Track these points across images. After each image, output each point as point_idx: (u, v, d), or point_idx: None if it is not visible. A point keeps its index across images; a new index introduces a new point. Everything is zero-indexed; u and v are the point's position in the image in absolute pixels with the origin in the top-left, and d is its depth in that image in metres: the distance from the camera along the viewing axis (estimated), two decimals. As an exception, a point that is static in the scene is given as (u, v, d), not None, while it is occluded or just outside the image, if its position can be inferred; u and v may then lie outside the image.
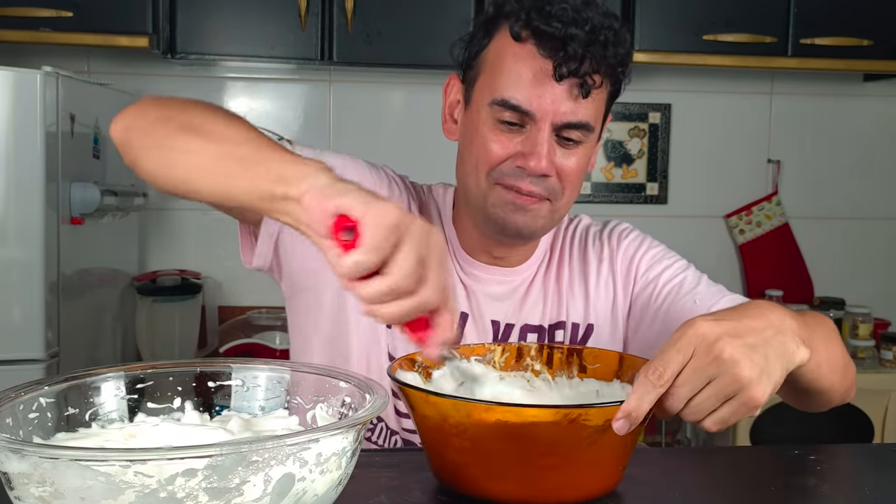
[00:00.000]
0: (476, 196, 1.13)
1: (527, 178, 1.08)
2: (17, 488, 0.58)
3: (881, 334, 2.74)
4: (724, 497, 0.91)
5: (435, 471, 0.86)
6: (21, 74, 1.94)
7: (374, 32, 2.47)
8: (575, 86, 1.05)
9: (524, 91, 1.05)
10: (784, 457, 1.00)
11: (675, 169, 3.00)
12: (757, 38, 2.58)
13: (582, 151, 1.10)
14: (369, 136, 2.82)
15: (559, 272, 1.24)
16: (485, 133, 1.09)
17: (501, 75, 1.07)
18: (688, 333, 0.76)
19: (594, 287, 1.22)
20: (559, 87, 1.05)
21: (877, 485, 0.90)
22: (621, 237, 1.25)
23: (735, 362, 0.75)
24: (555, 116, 1.06)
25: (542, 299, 1.22)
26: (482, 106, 1.09)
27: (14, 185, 1.94)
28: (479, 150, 1.10)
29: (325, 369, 0.77)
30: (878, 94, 3.03)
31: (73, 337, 2.10)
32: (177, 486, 0.56)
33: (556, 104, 1.05)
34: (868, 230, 3.08)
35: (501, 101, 1.06)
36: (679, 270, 1.21)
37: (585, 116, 1.07)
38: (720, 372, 0.75)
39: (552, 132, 1.07)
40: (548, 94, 1.05)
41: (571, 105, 1.06)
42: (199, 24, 2.45)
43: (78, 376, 0.73)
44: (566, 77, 1.04)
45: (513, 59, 1.07)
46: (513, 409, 0.77)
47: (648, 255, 1.23)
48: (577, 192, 1.15)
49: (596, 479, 0.82)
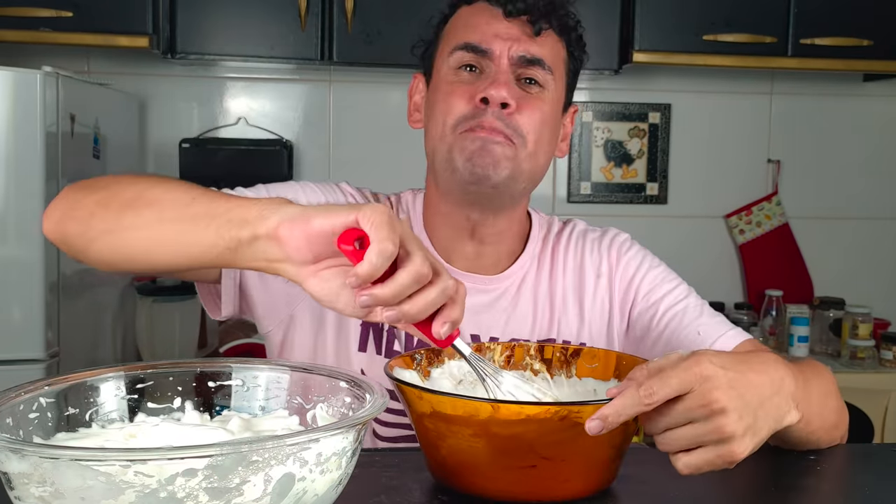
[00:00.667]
0: (443, 156, 1.10)
1: (489, 113, 1.07)
2: (17, 488, 0.58)
3: (881, 334, 2.74)
4: (724, 497, 0.91)
5: (431, 469, 0.86)
6: (21, 74, 1.94)
7: (374, 32, 2.47)
8: (526, 25, 1.10)
9: (478, 31, 1.11)
10: (784, 457, 1.00)
11: (675, 169, 3.00)
12: (757, 38, 2.58)
13: (545, 98, 1.11)
14: (369, 136, 2.82)
15: (552, 281, 1.19)
16: (446, 89, 1.11)
17: (457, 30, 1.13)
18: (694, 370, 0.74)
19: (590, 303, 1.18)
20: (511, 25, 1.10)
21: (877, 485, 0.90)
22: (622, 251, 1.21)
23: (724, 413, 0.74)
24: (511, 50, 1.09)
25: (531, 312, 1.17)
26: (442, 65, 1.13)
27: (14, 185, 1.94)
28: (442, 105, 1.11)
29: (325, 369, 0.77)
30: (878, 94, 3.03)
31: (73, 337, 2.10)
32: (177, 486, 0.56)
33: (510, 39, 1.10)
34: (868, 230, 3.08)
35: (458, 46, 1.11)
36: (681, 296, 1.18)
37: (540, 53, 1.10)
38: (706, 417, 0.74)
39: (510, 67, 1.10)
40: (502, 31, 1.10)
41: (526, 41, 1.10)
42: (199, 24, 2.45)
43: (78, 376, 0.73)
44: (515, 15, 1.10)
45: (466, 16, 1.14)
46: (506, 405, 0.77)
47: (650, 277, 1.19)
48: (543, 150, 1.12)
49: (589, 477, 0.83)
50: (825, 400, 0.96)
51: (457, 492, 0.82)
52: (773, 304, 2.85)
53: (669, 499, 0.84)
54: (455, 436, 0.79)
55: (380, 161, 2.81)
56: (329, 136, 2.84)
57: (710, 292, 2.93)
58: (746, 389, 0.76)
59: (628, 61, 2.58)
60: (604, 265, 1.20)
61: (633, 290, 1.19)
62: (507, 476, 0.79)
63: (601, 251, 1.21)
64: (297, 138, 2.82)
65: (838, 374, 2.61)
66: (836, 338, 2.82)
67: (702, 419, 0.75)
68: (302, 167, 2.82)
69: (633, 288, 1.19)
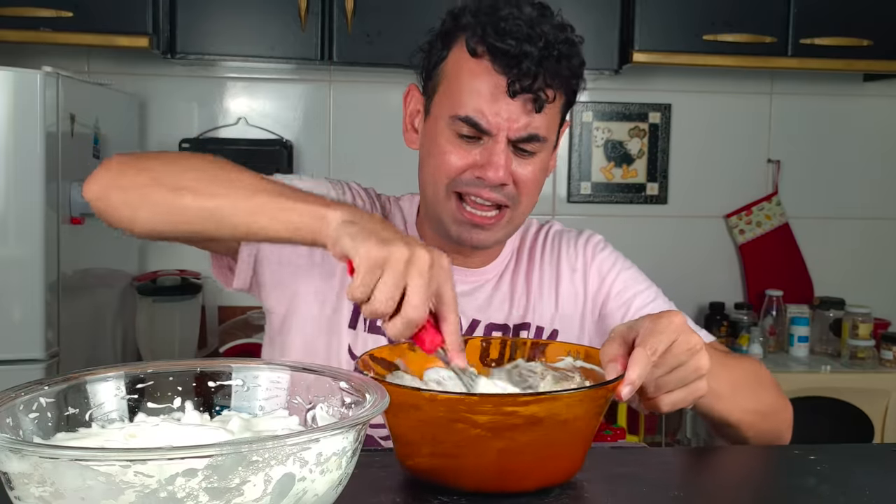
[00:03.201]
0: (434, 207, 1.17)
1: (485, 189, 1.12)
2: (17, 488, 0.58)
3: (881, 334, 2.74)
4: (724, 497, 0.91)
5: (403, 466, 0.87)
6: (21, 74, 1.94)
7: (374, 32, 2.47)
8: (529, 101, 1.08)
9: (480, 108, 1.09)
10: (784, 457, 1.00)
11: (675, 169, 3.00)
12: (757, 38, 2.58)
13: (538, 160, 1.14)
14: (369, 136, 2.82)
15: (529, 273, 1.27)
16: (443, 145, 1.13)
17: (460, 91, 1.11)
18: (675, 322, 0.87)
19: (565, 293, 1.25)
20: (514, 102, 1.09)
21: (877, 485, 0.90)
22: (596, 250, 1.28)
23: (703, 352, 0.89)
24: (510, 131, 1.10)
25: (508, 299, 1.24)
26: (441, 119, 1.13)
27: (14, 185, 1.94)
28: (437, 161, 1.14)
29: (325, 369, 0.77)
30: (878, 94, 3.03)
31: (73, 337, 2.10)
32: (177, 486, 0.56)
33: (510, 120, 1.09)
34: (868, 230, 3.08)
35: (459, 118, 1.10)
36: (650, 298, 1.24)
37: (539, 129, 1.11)
38: (688, 359, 0.88)
39: (508, 144, 1.11)
40: (503, 111, 1.09)
41: (525, 119, 1.10)
42: (199, 24, 2.45)
43: (78, 376, 0.73)
44: (520, 93, 1.08)
45: (469, 74, 1.10)
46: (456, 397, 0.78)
47: (622, 277, 1.26)
48: (535, 198, 1.18)
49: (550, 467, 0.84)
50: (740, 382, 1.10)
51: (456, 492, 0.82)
52: (773, 304, 2.85)
53: (670, 499, 0.84)
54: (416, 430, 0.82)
55: (379, 161, 2.80)
56: (329, 136, 2.84)
57: (710, 292, 2.97)
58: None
59: (628, 61, 2.59)
60: (579, 261, 1.27)
61: (607, 288, 1.26)
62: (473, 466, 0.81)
63: (577, 248, 1.28)
64: (297, 138, 2.82)
65: (838, 374, 2.65)
66: (836, 338, 2.82)
67: (686, 361, 0.88)
68: (302, 167, 2.82)
69: (606, 285, 1.26)
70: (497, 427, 0.78)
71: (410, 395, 0.80)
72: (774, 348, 2.84)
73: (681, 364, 0.88)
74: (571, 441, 0.83)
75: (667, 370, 0.88)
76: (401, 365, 0.95)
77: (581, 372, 0.96)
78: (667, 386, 0.89)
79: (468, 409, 0.77)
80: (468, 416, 0.77)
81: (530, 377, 0.97)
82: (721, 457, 0.98)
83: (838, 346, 2.80)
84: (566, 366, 0.98)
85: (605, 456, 0.96)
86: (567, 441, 0.83)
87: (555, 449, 0.82)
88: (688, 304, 2.90)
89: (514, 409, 0.77)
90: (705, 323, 2.88)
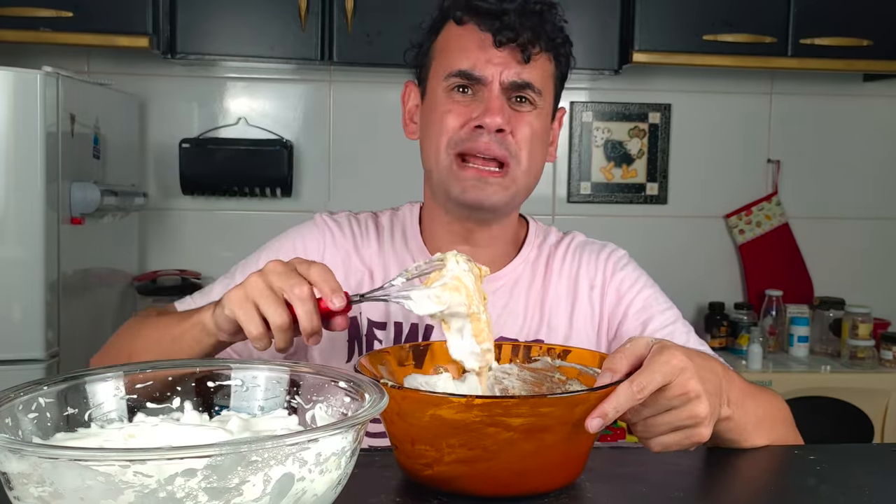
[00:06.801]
0: (439, 176, 1.17)
1: (485, 137, 1.13)
2: (16, 488, 0.58)
3: (881, 334, 2.74)
4: (724, 497, 0.91)
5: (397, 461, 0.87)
6: (21, 74, 1.94)
7: (374, 32, 2.47)
8: (516, 50, 1.13)
9: (471, 58, 1.14)
10: (784, 457, 1.00)
11: (675, 169, 3.00)
12: (757, 38, 2.58)
13: (535, 115, 1.16)
14: (369, 136, 2.82)
15: (545, 288, 1.24)
16: (441, 108, 1.16)
17: (450, 54, 1.16)
18: (673, 363, 0.84)
19: (580, 312, 1.22)
20: (501, 52, 1.14)
21: (877, 485, 0.90)
22: (617, 267, 1.25)
23: (699, 400, 0.85)
24: (502, 76, 1.13)
25: (522, 312, 1.22)
26: (437, 86, 1.17)
27: (14, 185, 1.94)
28: (437, 125, 1.16)
29: (324, 369, 0.77)
30: (878, 94, 3.03)
31: (73, 337, 2.10)
32: (176, 485, 0.55)
33: (501, 66, 1.13)
34: (868, 230, 3.08)
35: (452, 74, 1.15)
36: (669, 321, 1.21)
37: (530, 77, 1.14)
38: (683, 404, 0.85)
39: (502, 92, 1.14)
40: (493, 58, 1.14)
41: (516, 67, 1.14)
42: (199, 24, 2.45)
43: (77, 376, 0.73)
44: (505, 44, 1.13)
45: (457, 38, 1.16)
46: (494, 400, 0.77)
47: (642, 296, 1.23)
48: (536, 163, 1.18)
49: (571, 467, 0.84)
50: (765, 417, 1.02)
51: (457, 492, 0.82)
52: (773, 304, 2.85)
53: (670, 499, 0.84)
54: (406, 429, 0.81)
55: (379, 161, 2.81)
56: (329, 136, 2.84)
57: (710, 292, 2.97)
58: (707, 380, 0.87)
59: (628, 61, 2.59)
60: (598, 277, 1.24)
61: (624, 306, 1.23)
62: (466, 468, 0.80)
63: (597, 264, 1.25)
64: (297, 138, 2.82)
65: (838, 374, 2.65)
66: (836, 338, 2.82)
67: (679, 406, 0.85)
68: (302, 167, 2.82)
69: (623, 303, 1.23)
70: (530, 429, 0.77)
71: (436, 399, 0.77)
72: (774, 348, 2.84)
73: (673, 407, 0.85)
74: (587, 440, 0.84)
75: (657, 411, 0.85)
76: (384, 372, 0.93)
77: (560, 370, 0.96)
78: (657, 428, 0.87)
79: (504, 413, 0.76)
80: (503, 419, 0.76)
81: (505, 379, 0.97)
82: (721, 457, 0.97)
83: (838, 346, 2.79)
84: (543, 365, 0.98)
85: (605, 456, 0.96)
86: (584, 440, 0.83)
87: (576, 448, 0.83)
88: (687, 304, 2.90)
89: (549, 410, 0.77)
90: (705, 323, 2.88)
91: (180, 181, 2.69)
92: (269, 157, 2.70)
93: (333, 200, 2.79)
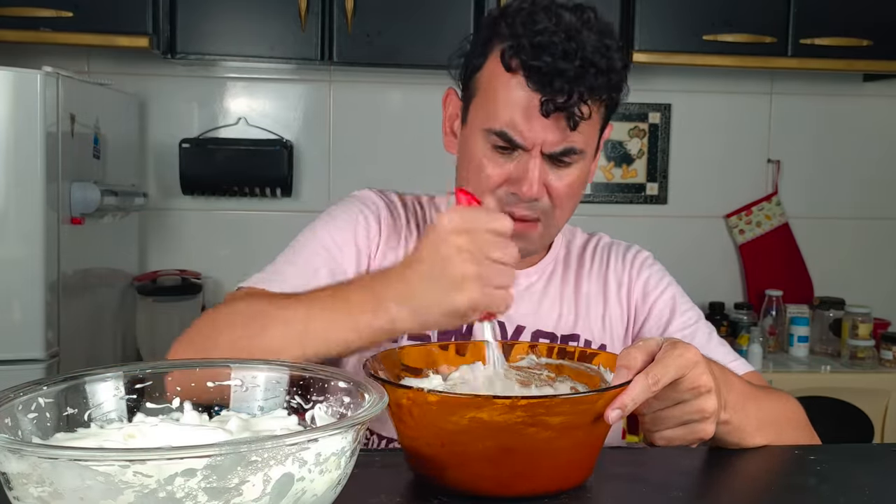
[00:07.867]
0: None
1: (520, 203, 1.11)
2: (16, 488, 0.58)
3: (881, 334, 2.74)
4: (724, 497, 0.91)
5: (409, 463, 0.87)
6: (21, 74, 1.94)
7: (374, 32, 2.47)
8: (563, 118, 1.06)
9: (514, 123, 1.07)
10: (784, 457, 1.00)
11: (675, 169, 3.00)
12: (757, 38, 2.58)
13: (575, 171, 1.12)
14: (369, 136, 2.83)
15: (577, 284, 1.25)
16: (479, 158, 1.12)
17: (495, 104, 1.09)
18: (686, 357, 0.85)
19: (612, 308, 1.24)
20: (547, 119, 1.06)
21: (877, 485, 0.90)
22: (643, 266, 1.26)
23: (710, 394, 0.86)
24: (544, 146, 1.08)
25: (557, 309, 1.23)
26: (476, 130, 1.12)
27: (14, 185, 1.94)
28: (474, 175, 1.12)
29: (324, 369, 0.77)
30: (877, 94, 3.03)
31: (73, 337, 2.10)
32: (176, 485, 0.55)
33: (544, 135, 1.07)
34: (868, 230, 3.08)
35: (494, 132, 1.09)
36: (691, 321, 1.22)
37: (576, 143, 1.09)
38: (693, 398, 0.86)
39: (542, 158, 1.09)
40: (536, 127, 1.07)
41: (560, 135, 1.07)
42: (199, 24, 2.45)
43: (77, 376, 0.73)
44: (553, 112, 1.05)
45: (504, 88, 1.08)
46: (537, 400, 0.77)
47: (666, 296, 1.24)
48: (572, 208, 1.17)
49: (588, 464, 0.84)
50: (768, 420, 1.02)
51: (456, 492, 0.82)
52: (773, 304, 2.85)
53: (670, 499, 0.84)
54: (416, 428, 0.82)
55: (379, 161, 2.81)
56: (329, 136, 2.84)
57: (710, 292, 2.97)
58: (714, 377, 0.88)
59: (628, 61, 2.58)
60: (625, 276, 1.26)
61: (648, 306, 1.24)
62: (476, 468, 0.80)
63: (625, 262, 1.27)
64: (297, 138, 2.82)
65: (838, 374, 2.65)
66: (836, 338, 2.82)
67: (689, 400, 0.86)
68: (302, 167, 2.82)
69: (647, 303, 1.24)
70: (567, 427, 0.78)
71: (479, 401, 0.77)
72: (774, 348, 2.84)
73: (683, 401, 0.86)
74: (603, 435, 0.85)
75: (667, 404, 0.87)
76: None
77: (548, 368, 0.96)
78: (665, 421, 0.88)
79: (547, 412, 0.76)
80: (544, 418, 0.76)
81: (497, 381, 0.97)
82: (721, 457, 0.97)
83: (838, 346, 2.79)
84: (529, 364, 0.98)
85: (605, 456, 0.95)
86: (601, 434, 0.84)
87: (597, 443, 0.84)
88: (688, 304, 2.90)
89: (588, 407, 0.78)
90: (705, 323, 2.88)
91: (180, 181, 2.69)
92: (269, 157, 2.70)
93: (333, 200, 2.79)
